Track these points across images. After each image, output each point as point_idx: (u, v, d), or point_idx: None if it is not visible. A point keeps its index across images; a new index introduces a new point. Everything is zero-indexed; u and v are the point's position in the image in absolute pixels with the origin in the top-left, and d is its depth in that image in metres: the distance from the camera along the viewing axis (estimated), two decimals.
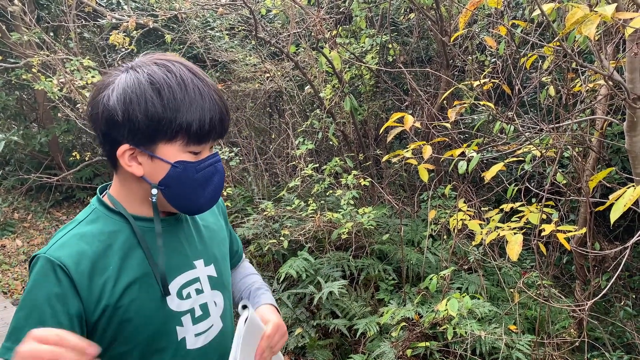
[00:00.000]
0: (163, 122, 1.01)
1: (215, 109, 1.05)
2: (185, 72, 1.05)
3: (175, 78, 1.03)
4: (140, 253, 1.10)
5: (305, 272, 3.70)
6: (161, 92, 1.01)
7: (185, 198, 1.10)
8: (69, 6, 5.95)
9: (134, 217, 1.12)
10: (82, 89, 4.99)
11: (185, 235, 1.20)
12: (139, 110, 1.00)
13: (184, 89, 1.03)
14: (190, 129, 1.03)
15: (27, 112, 8.83)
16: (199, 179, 1.08)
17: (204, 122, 1.03)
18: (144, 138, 1.03)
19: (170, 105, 1.01)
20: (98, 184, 7.57)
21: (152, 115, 1.00)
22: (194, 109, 1.02)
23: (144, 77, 1.02)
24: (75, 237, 1.07)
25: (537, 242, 2.56)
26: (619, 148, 4.18)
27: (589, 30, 1.45)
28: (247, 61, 5.46)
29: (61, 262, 1.01)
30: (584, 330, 2.90)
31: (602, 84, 2.96)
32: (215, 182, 1.12)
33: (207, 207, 1.14)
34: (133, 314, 1.07)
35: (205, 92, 1.05)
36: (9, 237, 6.87)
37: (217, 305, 1.23)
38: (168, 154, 1.05)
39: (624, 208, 1.43)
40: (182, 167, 1.06)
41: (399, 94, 5.19)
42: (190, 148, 1.06)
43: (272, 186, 5.49)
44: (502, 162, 2.49)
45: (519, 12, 4.57)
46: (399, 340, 3.24)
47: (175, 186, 1.07)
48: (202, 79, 1.07)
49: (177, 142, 1.04)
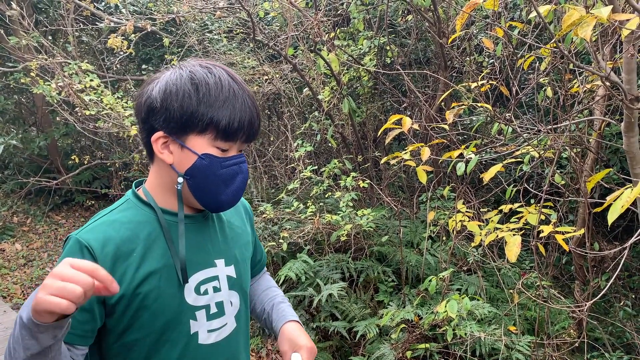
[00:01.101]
0: (196, 115, 1.09)
1: (246, 110, 1.12)
2: (224, 75, 1.13)
3: (214, 78, 1.11)
4: (163, 244, 1.16)
5: (304, 275, 3.70)
6: (199, 88, 1.10)
7: (207, 191, 1.15)
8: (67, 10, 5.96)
9: (162, 210, 1.18)
10: (80, 93, 5.00)
11: (209, 234, 1.26)
12: (175, 100, 1.09)
13: (220, 88, 1.10)
14: (219, 125, 1.10)
15: (26, 115, 8.83)
16: (222, 175, 1.13)
17: (233, 119, 1.10)
18: (177, 128, 1.11)
19: (204, 100, 1.09)
20: (97, 187, 7.58)
21: (187, 106, 1.09)
22: (225, 106, 1.10)
23: (186, 74, 1.12)
24: (104, 224, 1.14)
25: (536, 243, 2.57)
26: (617, 148, 4.19)
27: (585, 32, 1.46)
28: (245, 64, 5.47)
29: (89, 243, 1.08)
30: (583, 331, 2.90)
31: (600, 85, 2.97)
32: (238, 181, 1.16)
33: (227, 205, 1.18)
34: (151, 302, 1.12)
35: (239, 95, 1.12)
36: (8, 241, 6.86)
37: (232, 305, 1.27)
38: (197, 146, 1.11)
39: (622, 209, 1.43)
40: (208, 160, 1.12)
41: (397, 96, 5.19)
42: (218, 144, 1.12)
43: (271, 188, 5.49)
44: (500, 163, 2.50)
45: (517, 13, 4.58)
46: (398, 342, 3.24)
47: (200, 178, 1.13)
48: (239, 83, 1.15)
49: (207, 135, 1.11)
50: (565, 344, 3.18)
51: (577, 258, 3.83)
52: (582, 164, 3.44)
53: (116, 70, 6.76)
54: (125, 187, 6.88)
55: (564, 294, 3.90)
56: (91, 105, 4.95)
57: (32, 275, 5.98)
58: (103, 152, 7.33)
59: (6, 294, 5.51)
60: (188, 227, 1.21)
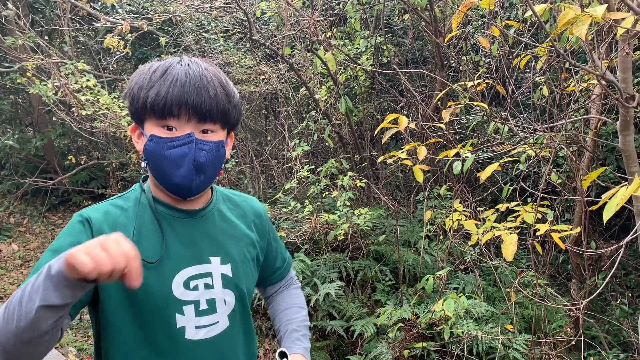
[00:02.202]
0: (137, 98, 1.14)
1: (179, 86, 1.11)
2: (184, 64, 1.15)
3: (166, 64, 1.15)
4: (156, 235, 1.18)
5: (302, 274, 3.70)
6: (141, 75, 1.15)
7: (162, 174, 1.15)
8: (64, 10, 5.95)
9: (155, 199, 1.22)
10: (77, 93, 4.99)
11: (206, 231, 1.26)
12: (129, 93, 1.17)
13: (161, 71, 1.13)
14: (148, 102, 1.12)
15: (22, 116, 8.81)
16: (170, 155, 1.13)
17: (160, 95, 1.10)
18: (135, 116, 1.18)
19: (142, 83, 1.14)
20: (94, 187, 7.56)
21: (134, 93, 1.15)
22: (156, 85, 1.12)
23: (144, 67, 1.18)
24: (106, 205, 1.22)
25: (532, 241, 2.57)
26: (613, 147, 4.20)
27: (580, 30, 1.46)
28: (242, 63, 5.46)
29: (89, 216, 1.16)
30: (580, 329, 2.91)
31: (596, 84, 2.98)
32: (187, 162, 1.13)
33: (185, 189, 1.16)
34: (138, 291, 1.09)
35: (179, 76, 1.12)
36: (5, 241, 6.84)
37: (226, 303, 1.27)
38: (148, 128, 1.16)
39: (617, 207, 1.44)
40: (154, 140, 1.14)
41: (394, 95, 5.20)
42: (159, 122, 1.13)
43: (268, 188, 5.49)
44: (497, 162, 2.50)
45: (513, 12, 4.59)
46: (396, 340, 3.25)
47: (152, 160, 1.16)
48: (199, 70, 1.14)
49: (151, 117, 1.14)
50: (562, 342, 3.19)
51: (573, 256, 3.84)
52: (579, 162, 3.45)
53: (113, 70, 6.74)
54: (122, 187, 6.87)
55: (561, 293, 3.91)
56: (88, 105, 4.94)
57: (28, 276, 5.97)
58: (100, 152, 7.31)
59: (3, 294, 5.50)
60: (182, 221, 1.23)
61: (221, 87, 1.16)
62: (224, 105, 1.16)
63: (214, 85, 1.14)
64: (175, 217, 1.23)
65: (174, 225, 1.22)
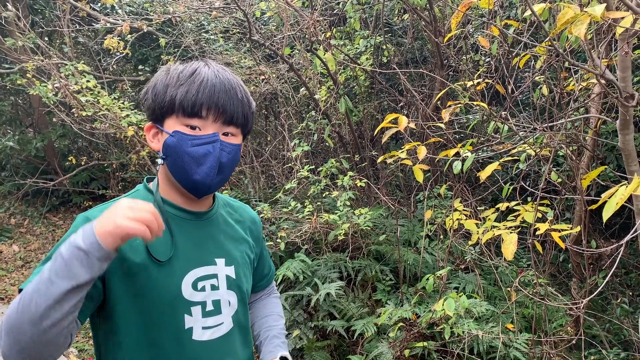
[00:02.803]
0: (163, 97, 1.16)
1: (208, 87, 1.14)
2: (205, 66, 1.18)
3: (190, 66, 1.18)
4: (166, 235, 1.17)
5: (302, 274, 3.70)
6: (167, 74, 1.18)
7: (181, 170, 1.16)
8: (63, 11, 5.95)
9: (163, 200, 1.22)
10: (77, 94, 4.99)
11: (212, 233, 1.29)
12: (152, 90, 1.18)
13: (187, 72, 1.16)
14: (176, 100, 1.14)
15: (23, 117, 8.81)
16: (192, 153, 1.14)
17: (190, 93, 1.13)
18: (155, 115, 1.19)
19: (168, 82, 1.16)
20: (94, 188, 7.56)
21: (158, 92, 1.17)
22: (185, 84, 1.14)
23: (169, 68, 1.20)
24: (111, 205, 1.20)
25: (533, 240, 2.57)
26: (613, 146, 4.20)
27: (579, 30, 1.46)
28: (242, 64, 5.47)
29: (94, 217, 1.12)
30: (580, 328, 2.92)
31: (595, 83, 2.98)
32: (210, 161, 1.15)
33: (204, 186, 1.18)
34: (147, 291, 1.14)
35: (208, 77, 1.15)
36: (5, 242, 6.85)
37: (230, 304, 1.28)
38: (170, 126, 1.17)
39: (617, 206, 1.44)
40: (177, 136, 1.15)
41: (394, 95, 5.20)
42: (185, 120, 1.15)
43: (268, 188, 5.49)
44: (497, 162, 2.50)
45: (512, 12, 4.59)
46: (396, 340, 3.25)
47: (173, 156, 1.16)
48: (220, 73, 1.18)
49: (175, 115, 1.16)
50: (562, 341, 3.19)
51: (574, 256, 3.85)
52: (578, 161, 3.45)
53: (113, 71, 6.75)
54: (123, 188, 6.87)
55: (561, 292, 3.91)
56: (88, 106, 4.94)
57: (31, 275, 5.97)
58: (100, 153, 7.31)
59: (4, 295, 5.50)
60: (190, 222, 1.24)
61: (245, 93, 1.20)
62: (247, 111, 1.21)
63: (241, 90, 1.19)
64: (183, 219, 1.24)
65: (182, 226, 1.23)
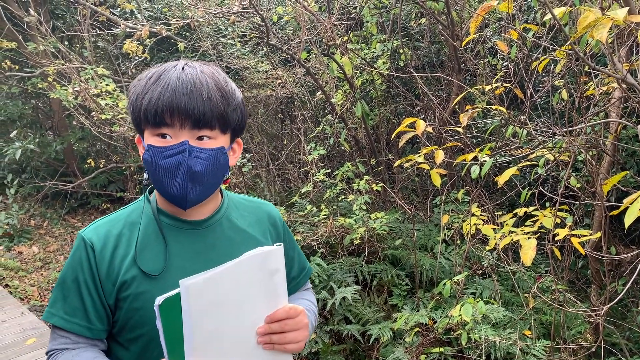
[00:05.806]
0: (134, 108, 1.11)
1: (172, 93, 1.06)
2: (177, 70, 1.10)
3: (162, 71, 1.10)
4: (160, 247, 1.16)
5: (318, 278, 3.70)
6: (139, 83, 1.12)
7: (160, 184, 1.11)
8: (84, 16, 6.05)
9: (159, 210, 1.20)
10: (96, 97, 5.06)
11: (212, 242, 1.22)
12: (130, 103, 1.14)
13: (154, 80, 1.09)
14: (141, 111, 1.09)
15: (43, 120, 8.96)
16: (165, 165, 1.08)
17: (151, 102, 1.07)
18: (136, 126, 1.14)
19: (137, 91, 1.11)
20: (113, 190, 7.66)
21: (131, 103, 1.12)
22: (149, 92, 1.08)
23: (143, 74, 1.13)
24: (109, 222, 1.20)
25: (551, 246, 2.55)
26: (633, 151, 4.14)
27: (601, 34, 1.45)
28: (259, 68, 5.50)
29: (91, 242, 1.15)
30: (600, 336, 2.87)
31: (616, 87, 2.94)
32: (181, 172, 1.08)
33: (181, 199, 1.11)
34: (140, 304, 1.12)
35: (169, 83, 1.07)
36: (25, 244, 6.95)
37: None
38: (146, 139, 1.12)
39: (639, 212, 1.42)
40: (151, 150, 1.10)
41: (411, 99, 5.18)
42: (153, 131, 1.10)
43: (284, 192, 5.51)
44: (515, 167, 2.48)
45: (531, 15, 4.55)
46: (412, 345, 3.23)
47: (150, 170, 1.12)
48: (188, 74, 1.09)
49: (147, 126, 1.10)
50: (581, 348, 3.15)
51: (593, 262, 3.79)
52: (598, 166, 3.40)
53: (132, 75, 6.83)
54: (140, 191, 6.94)
55: (580, 298, 3.86)
56: (107, 109, 5.01)
57: (48, 278, 6.05)
58: (118, 155, 7.41)
59: (24, 295, 5.58)
60: (187, 232, 1.20)
61: (217, 90, 1.10)
62: (221, 108, 1.10)
63: (208, 89, 1.08)
64: (179, 229, 1.19)
65: (178, 237, 1.18)
